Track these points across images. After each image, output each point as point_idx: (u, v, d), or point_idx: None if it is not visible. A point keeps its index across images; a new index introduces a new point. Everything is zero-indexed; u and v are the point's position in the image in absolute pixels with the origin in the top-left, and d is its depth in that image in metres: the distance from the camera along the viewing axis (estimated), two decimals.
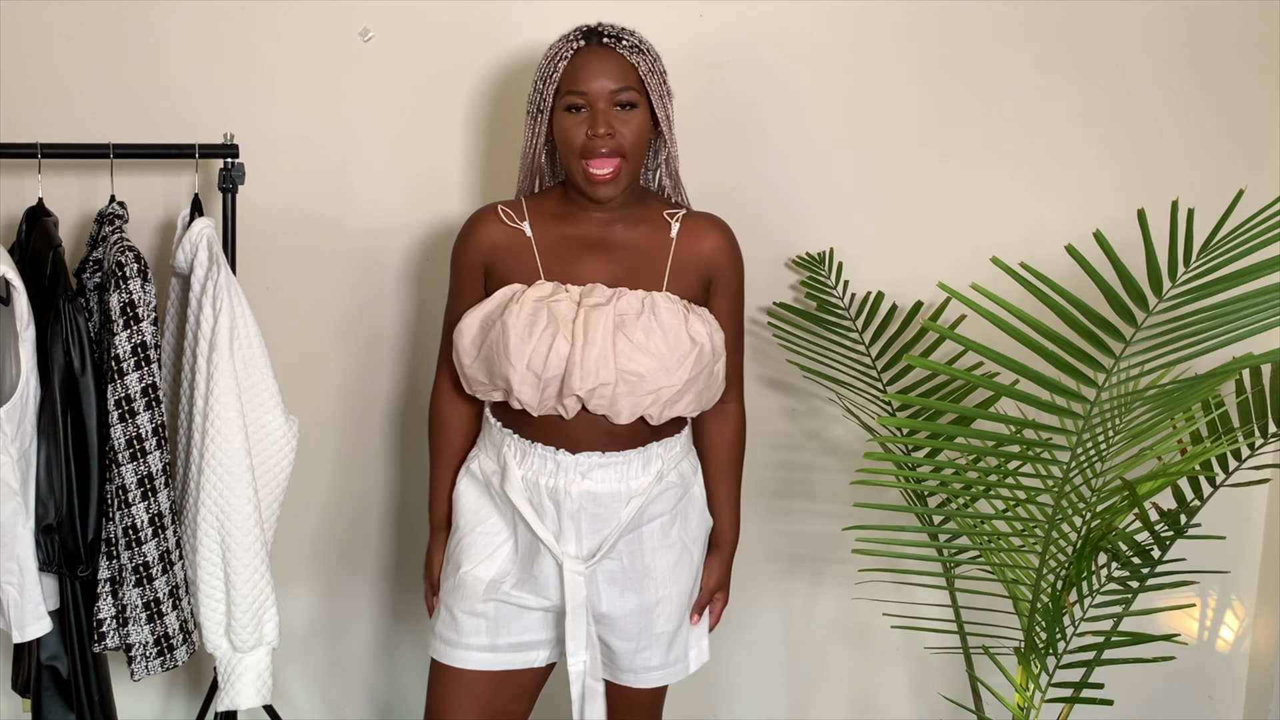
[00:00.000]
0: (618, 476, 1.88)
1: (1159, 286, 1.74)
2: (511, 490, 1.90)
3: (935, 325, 1.73)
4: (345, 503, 2.46)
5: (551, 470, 1.88)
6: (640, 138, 1.86)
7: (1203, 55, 2.47)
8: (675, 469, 1.94)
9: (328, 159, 2.33)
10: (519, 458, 1.90)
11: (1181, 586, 2.13)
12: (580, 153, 1.83)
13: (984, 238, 2.40)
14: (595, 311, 1.83)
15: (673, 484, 1.93)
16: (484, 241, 1.94)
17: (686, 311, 1.87)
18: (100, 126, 2.19)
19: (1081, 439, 1.82)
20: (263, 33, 2.27)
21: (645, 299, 1.86)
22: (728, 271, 1.95)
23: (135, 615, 1.98)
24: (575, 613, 1.91)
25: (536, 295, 1.86)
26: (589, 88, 1.83)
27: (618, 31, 1.87)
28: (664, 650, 1.99)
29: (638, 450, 1.89)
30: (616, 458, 1.88)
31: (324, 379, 2.41)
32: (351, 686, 2.54)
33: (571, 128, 1.84)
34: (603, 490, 1.88)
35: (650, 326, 1.83)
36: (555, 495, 1.88)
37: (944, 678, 2.62)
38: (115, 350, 1.91)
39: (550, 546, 1.90)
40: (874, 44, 2.41)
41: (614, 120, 1.83)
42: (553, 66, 1.86)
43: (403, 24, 2.31)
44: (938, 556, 2.25)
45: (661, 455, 1.91)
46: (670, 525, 1.95)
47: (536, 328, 1.82)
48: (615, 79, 1.83)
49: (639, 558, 1.93)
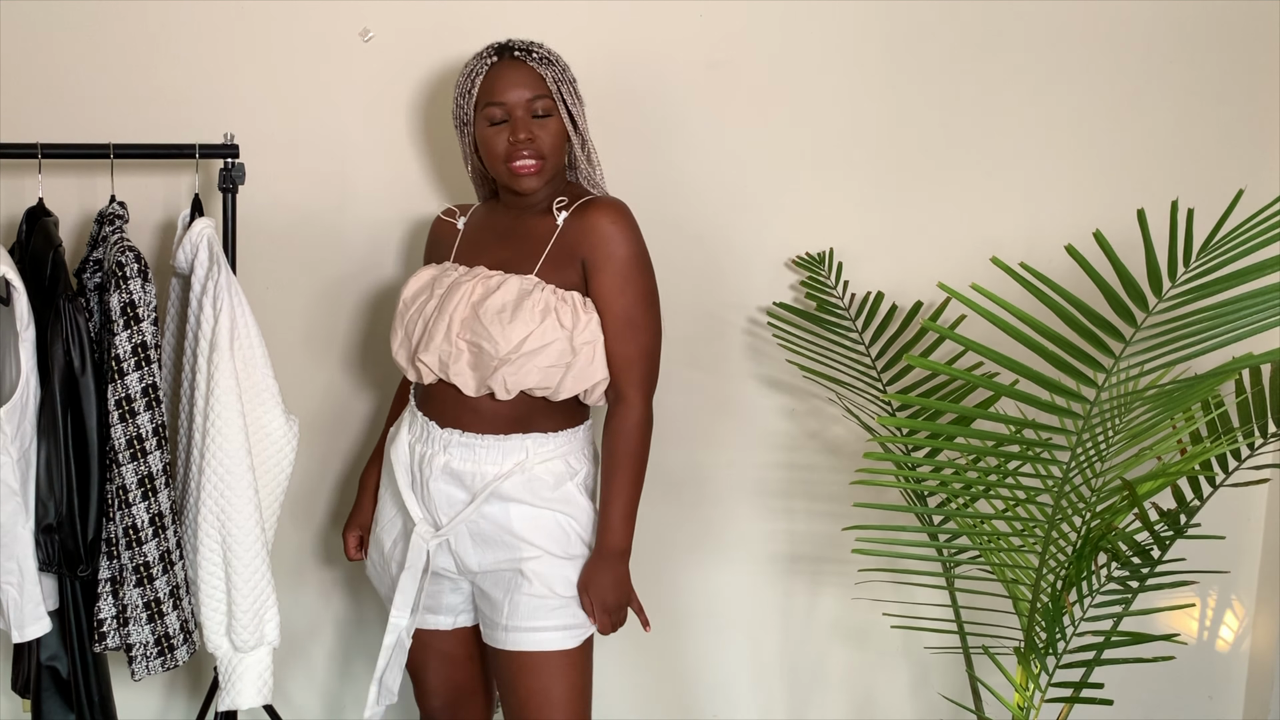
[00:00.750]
0: (473, 458, 1.97)
1: (1159, 286, 1.74)
2: (395, 452, 2.05)
3: (935, 325, 1.73)
4: (346, 502, 2.46)
5: (423, 439, 2.01)
6: (557, 141, 1.98)
7: (1203, 55, 2.47)
8: (544, 465, 1.98)
9: (327, 159, 2.33)
10: (409, 424, 2.06)
11: (1181, 586, 2.13)
12: (504, 158, 1.96)
13: (984, 238, 2.40)
14: (455, 286, 1.96)
15: (540, 479, 1.98)
16: (432, 238, 2.17)
17: (554, 296, 1.93)
18: (100, 126, 2.19)
19: (1081, 439, 1.82)
20: (262, 33, 2.27)
21: (506, 279, 1.95)
22: (603, 249, 1.95)
23: (136, 615, 1.98)
24: (410, 571, 2.02)
25: (431, 274, 2.04)
26: (506, 98, 1.96)
27: (527, 45, 1.99)
28: (537, 614, 1.97)
29: (498, 437, 1.97)
30: (475, 440, 1.97)
31: (324, 379, 2.41)
32: (351, 686, 2.54)
33: (493, 136, 1.97)
34: (459, 468, 1.98)
35: (504, 302, 1.92)
36: (421, 464, 2.01)
37: (944, 678, 2.62)
38: (116, 350, 1.91)
39: (411, 509, 2.02)
40: (874, 44, 2.41)
41: (532, 126, 1.96)
42: (470, 82, 1.99)
43: (403, 24, 2.31)
44: (938, 556, 2.25)
45: (528, 448, 1.98)
46: (539, 510, 1.98)
47: (417, 301, 2.01)
48: (529, 89, 1.96)
49: (504, 523, 1.98)
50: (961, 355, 2.36)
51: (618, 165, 2.22)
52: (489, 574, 2.01)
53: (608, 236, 1.95)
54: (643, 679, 2.57)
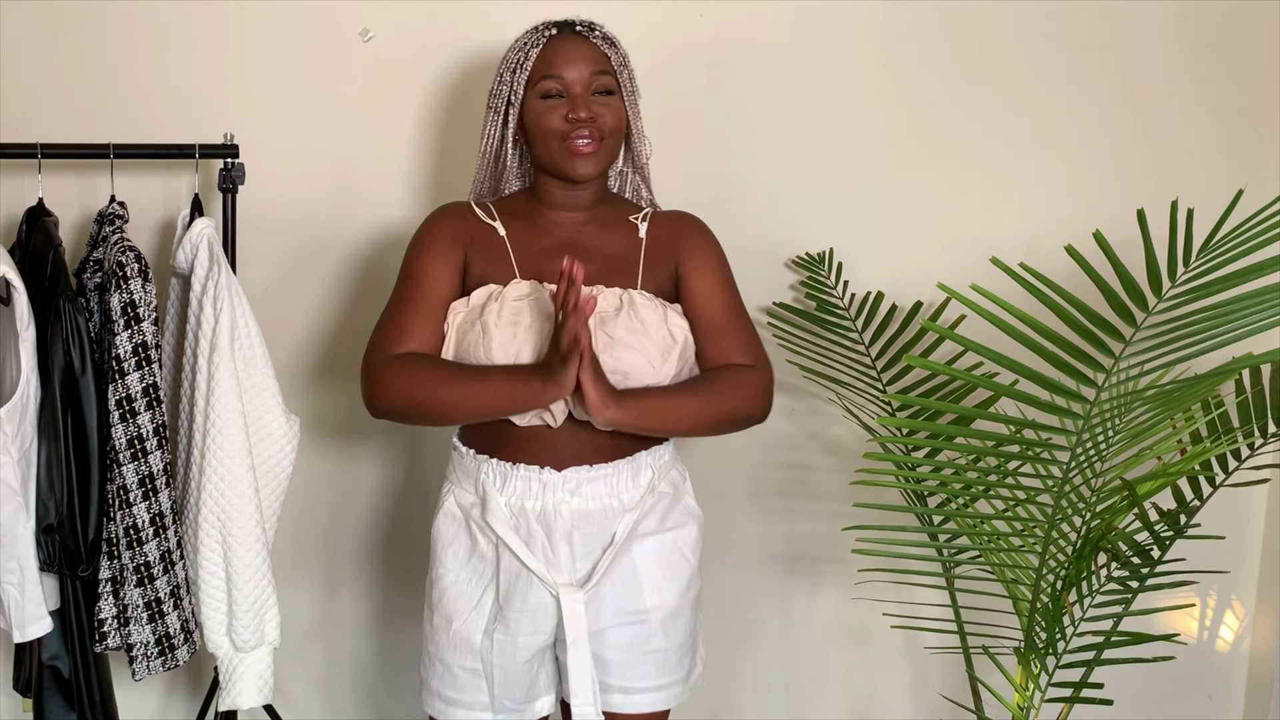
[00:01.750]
0: (609, 490, 1.79)
1: (1159, 286, 1.74)
2: (494, 519, 1.79)
3: (935, 325, 1.73)
4: (346, 502, 2.46)
5: (538, 491, 1.77)
6: (619, 124, 1.83)
7: (1203, 55, 2.47)
8: (666, 478, 1.88)
9: (327, 159, 2.33)
10: (499, 483, 1.79)
11: (1181, 586, 2.13)
12: (560, 135, 1.80)
13: (984, 238, 2.40)
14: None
15: (665, 494, 1.87)
16: (460, 229, 1.87)
17: (664, 308, 1.83)
18: (100, 126, 2.19)
19: (1081, 439, 1.82)
20: (263, 33, 2.27)
21: (623, 295, 1.81)
22: (699, 250, 1.90)
23: (136, 615, 1.98)
24: (577, 646, 1.79)
25: (516, 294, 1.79)
26: (566, 72, 1.80)
27: (589, 23, 1.85)
28: (658, 670, 1.87)
29: (626, 460, 1.81)
30: (605, 470, 1.79)
31: (324, 379, 2.41)
32: (351, 686, 2.55)
33: (547, 112, 1.80)
34: (595, 506, 1.79)
35: (632, 323, 1.78)
36: (544, 518, 1.78)
37: (944, 678, 2.62)
38: (116, 350, 1.91)
39: (542, 576, 1.79)
40: (874, 44, 2.41)
41: (594, 105, 1.80)
42: (523, 55, 1.82)
43: (403, 24, 2.31)
44: (938, 556, 2.25)
45: (651, 464, 1.84)
46: (667, 538, 1.87)
47: (520, 327, 1.76)
48: (593, 64, 1.81)
49: (630, 568, 1.83)
50: (961, 355, 2.36)
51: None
52: (605, 630, 1.83)
53: (700, 239, 1.91)
54: None
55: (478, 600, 1.83)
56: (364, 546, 2.49)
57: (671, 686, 1.89)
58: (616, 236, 1.89)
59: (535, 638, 1.82)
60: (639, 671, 1.85)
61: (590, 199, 1.89)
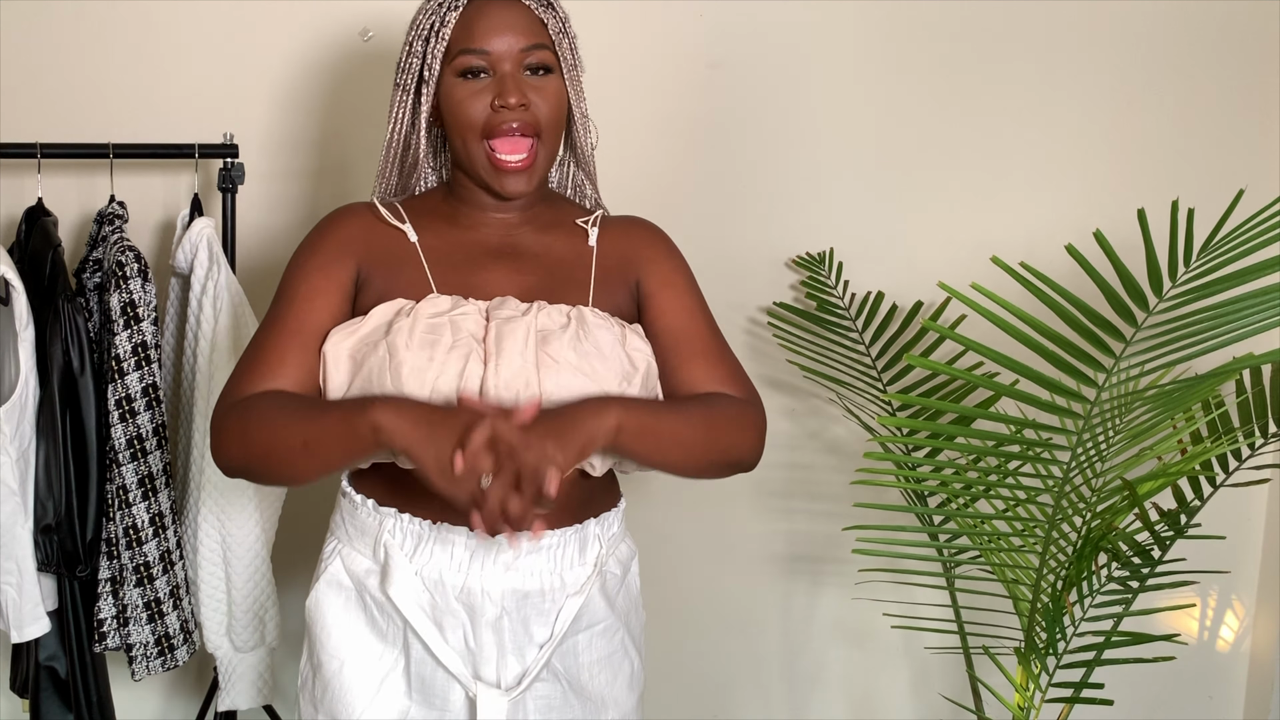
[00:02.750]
0: (551, 567, 1.41)
1: (1159, 286, 1.74)
2: (399, 595, 1.39)
3: (935, 325, 1.73)
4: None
5: (461, 561, 1.39)
6: (558, 112, 1.48)
7: (1203, 55, 2.47)
8: (614, 554, 1.51)
9: (328, 159, 2.33)
10: (408, 547, 1.40)
11: (1181, 586, 2.13)
12: (483, 131, 1.45)
13: (984, 238, 2.40)
14: (509, 324, 1.41)
15: (612, 573, 1.50)
16: (354, 241, 1.50)
17: (622, 329, 1.48)
18: (100, 126, 2.19)
19: (1081, 439, 1.82)
20: (263, 33, 2.27)
21: (570, 312, 1.45)
22: (665, 262, 1.58)
23: (136, 615, 1.98)
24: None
25: (432, 310, 1.42)
26: (491, 44, 1.43)
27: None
28: None
29: (574, 529, 1.43)
30: (550, 539, 1.41)
31: None
32: None
33: (469, 98, 1.44)
34: (533, 587, 1.40)
35: (581, 345, 1.41)
36: (468, 597, 1.39)
37: (944, 678, 2.61)
38: (116, 350, 1.91)
39: (460, 676, 1.41)
40: (874, 44, 2.41)
41: (526, 87, 1.45)
42: (437, 20, 1.46)
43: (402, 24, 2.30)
44: (938, 556, 2.25)
45: (599, 536, 1.47)
46: (613, 629, 1.50)
47: (438, 348, 1.37)
48: (525, 34, 1.45)
49: (576, 674, 1.47)
50: (962, 355, 2.36)
51: (617, 165, 2.22)
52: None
53: (663, 251, 1.59)
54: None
55: (379, 684, 1.45)
56: None
57: None
58: (560, 243, 1.54)
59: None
60: None
61: (528, 199, 1.54)
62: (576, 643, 1.47)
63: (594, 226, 1.57)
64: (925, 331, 2.39)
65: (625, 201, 2.12)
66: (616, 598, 1.51)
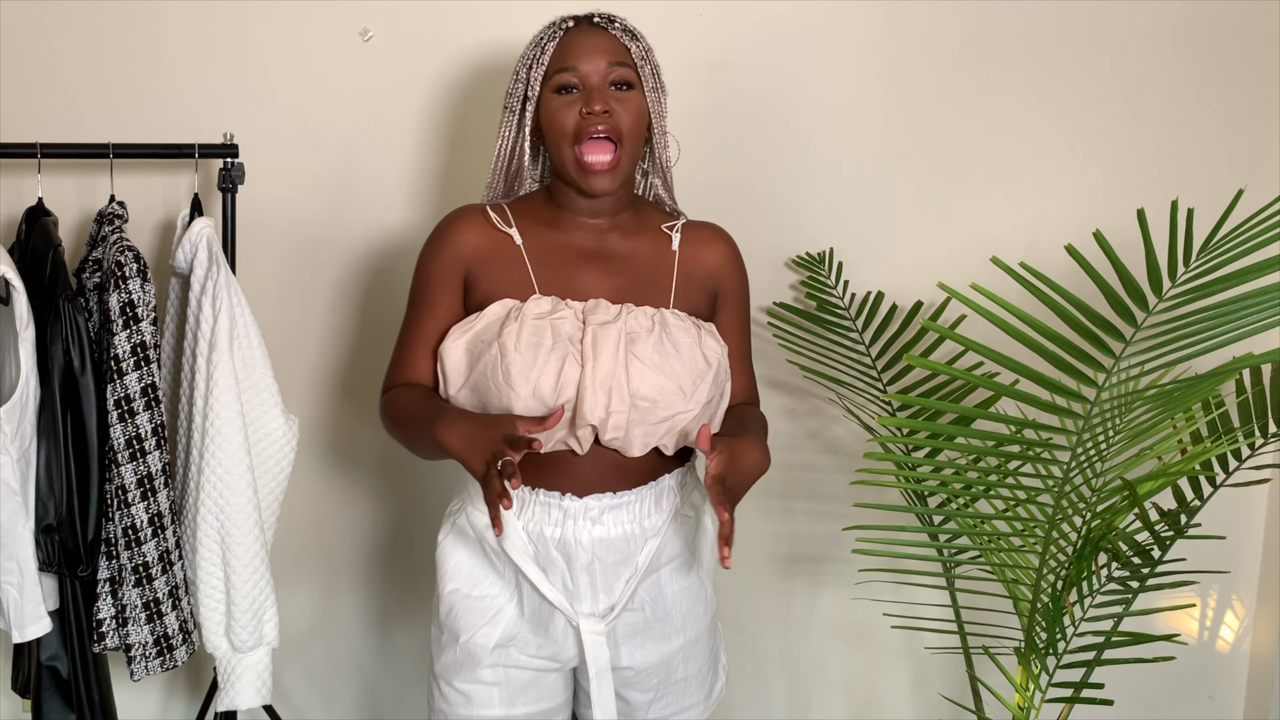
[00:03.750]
0: (631, 517, 1.70)
1: (1159, 286, 1.74)
2: (512, 548, 1.70)
3: (935, 325, 1.73)
4: (345, 503, 2.46)
5: (557, 519, 1.68)
6: (638, 121, 1.71)
7: (1203, 55, 2.47)
8: (688, 500, 1.79)
9: (327, 159, 2.33)
10: (517, 508, 1.69)
11: (1181, 586, 2.13)
12: (574, 136, 1.68)
13: (984, 238, 2.40)
14: (604, 330, 1.65)
15: (687, 517, 1.79)
16: (465, 246, 1.75)
17: (699, 329, 1.72)
18: (100, 126, 2.19)
19: (1081, 439, 1.82)
20: (263, 33, 2.27)
21: (655, 316, 1.70)
22: (734, 284, 1.83)
23: (135, 615, 1.98)
24: (600, 677, 1.72)
25: (536, 312, 1.66)
26: (581, 64, 1.69)
27: (610, 16, 1.75)
28: (678, 697, 1.84)
29: (650, 486, 1.71)
30: (628, 496, 1.70)
31: (324, 379, 2.41)
32: (351, 686, 2.54)
33: (562, 108, 1.68)
34: (617, 535, 1.69)
35: (663, 346, 1.66)
36: (564, 547, 1.68)
37: (944, 678, 2.61)
38: (115, 350, 1.91)
39: (562, 608, 1.71)
40: (874, 44, 2.41)
41: (610, 99, 1.68)
42: (539, 49, 1.72)
43: (403, 24, 2.30)
44: (938, 556, 2.25)
45: (674, 488, 1.75)
46: (688, 564, 1.79)
47: (541, 349, 1.62)
48: (610, 54, 1.69)
49: (660, 604, 1.77)
50: (962, 355, 2.36)
51: None
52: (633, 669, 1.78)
53: (738, 268, 1.84)
54: None
55: (494, 614, 1.75)
56: (363, 547, 2.49)
57: (692, 709, 1.86)
58: (646, 247, 1.77)
59: (554, 663, 1.77)
60: (662, 704, 1.82)
61: (614, 205, 1.77)
62: (659, 577, 1.75)
63: (677, 233, 1.80)
64: (925, 331, 2.39)
65: None
66: (694, 537, 1.79)
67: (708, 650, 1.87)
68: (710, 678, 1.89)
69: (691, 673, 1.84)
